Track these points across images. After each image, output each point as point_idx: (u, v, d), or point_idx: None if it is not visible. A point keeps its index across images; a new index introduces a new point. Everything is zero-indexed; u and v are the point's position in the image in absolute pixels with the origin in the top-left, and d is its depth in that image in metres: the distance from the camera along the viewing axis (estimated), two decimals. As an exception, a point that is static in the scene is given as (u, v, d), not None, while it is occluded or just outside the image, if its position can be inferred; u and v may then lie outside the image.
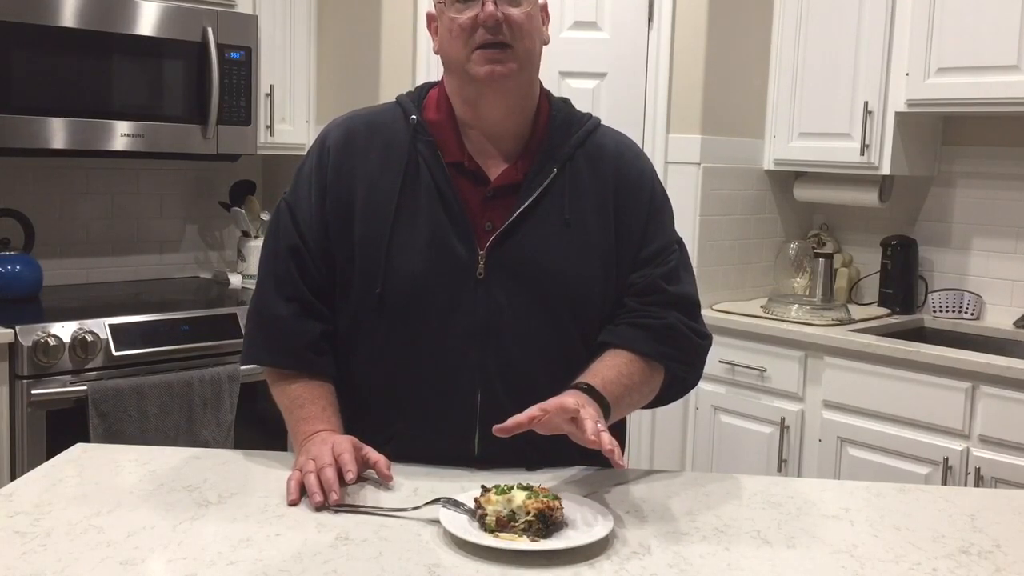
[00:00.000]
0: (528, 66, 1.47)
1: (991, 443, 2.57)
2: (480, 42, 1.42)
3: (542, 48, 1.51)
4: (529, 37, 1.46)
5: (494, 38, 1.42)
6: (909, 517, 1.34)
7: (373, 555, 1.14)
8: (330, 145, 1.52)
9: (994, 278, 3.18)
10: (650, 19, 3.11)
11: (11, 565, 1.09)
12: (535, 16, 1.47)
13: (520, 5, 1.44)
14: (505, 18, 1.42)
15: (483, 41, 1.42)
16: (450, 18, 1.44)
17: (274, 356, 1.52)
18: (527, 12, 1.45)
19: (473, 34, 1.42)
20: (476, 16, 1.41)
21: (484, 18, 1.41)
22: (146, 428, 2.64)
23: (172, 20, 2.95)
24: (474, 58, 1.43)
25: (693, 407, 3.20)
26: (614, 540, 1.20)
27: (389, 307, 1.46)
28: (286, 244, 1.50)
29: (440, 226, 1.46)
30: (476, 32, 1.42)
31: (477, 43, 1.42)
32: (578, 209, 1.49)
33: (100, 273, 3.38)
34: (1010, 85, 2.75)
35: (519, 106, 1.50)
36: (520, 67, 1.45)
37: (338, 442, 1.37)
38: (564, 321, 1.48)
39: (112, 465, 1.44)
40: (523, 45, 1.45)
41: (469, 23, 1.42)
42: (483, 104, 1.48)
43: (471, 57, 1.43)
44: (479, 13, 1.41)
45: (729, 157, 3.27)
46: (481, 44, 1.42)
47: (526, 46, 1.45)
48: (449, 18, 1.44)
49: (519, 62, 1.45)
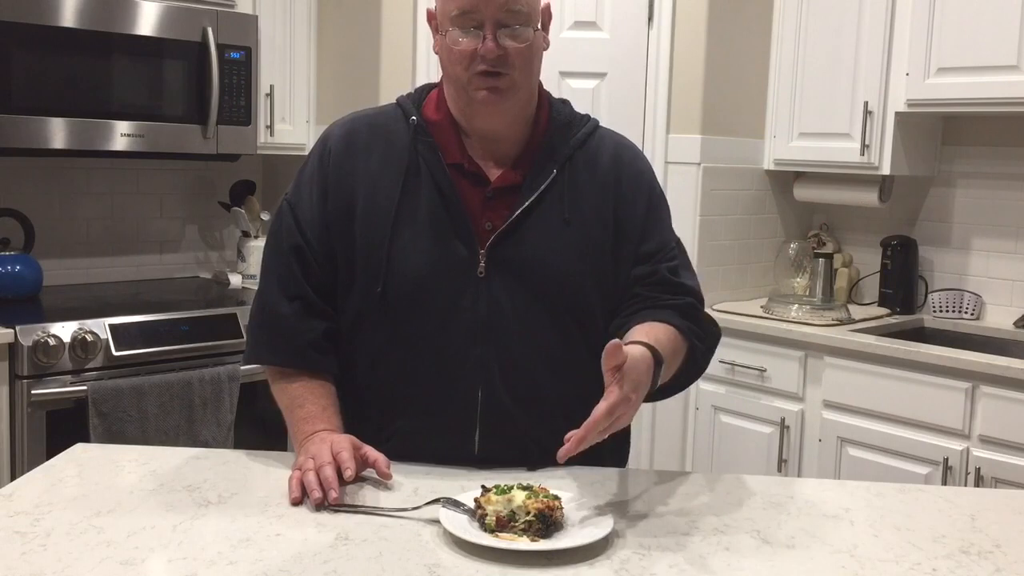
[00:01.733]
0: (526, 85, 1.48)
1: (991, 443, 2.57)
2: (479, 70, 1.43)
3: (542, 60, 1.52)
4: (528, 65, 1.46)
5: (493, 69, 1.42)
6: (909, 517, 1.34)
7: (373, 555, 1.14)
8: (332, 146, 1.52)
9: (994, 278, 3.18)
10: (650, 19, 3.11)
11: (11, 565, 1.09)
12: (535, 45, 1.47)
13: (518, 38, 1.43)
14: (504, 52, 1.42)
15: (481, 71, 1.43)
16: (451, 40, 1.44)
17: (277, 355, 1.52)
18: (527, 44, 1.45)
19: (473, 61, 1.43)
20: (476, 49, 1.42)
21: (484, 52, 1.42)
22: (146, 428, 2.64)
23: (172, 20, 2.96)
24: (473, 82, 1.44)
25: (693, 407, 3.20)
26: (614, 540, 1.20)
27: (390, 306, 1.46)
28: (289, 243, 1.51)
29: (441, 226, 1.46)
30: (475, 60, 1.43)
31: (476, 71, 1.43)
32: (577, 208, 1.50)
33: (100, 273, 3.38)
34: (1010, 85, 2.75)
35: (517, 117, 1.51)
36: (518, 88, 1.46)
37: (337, 441, 1.37)
38: (564, 319, 1.49)
39: (112, 465, 1.44)
40: (522, 75, 1.46)
41: (469, 53, 1.43)
42: (479, 119, 1.49)
43: (471, 81, 1.44)
44: (479, 46, 1.42)
45: (729, 157, 3.27)
46: (480, 72, 1.43)
47: (525, 75, 1.46)
48: (450, 39, 1.44)
49: (516, 86, 1.46)
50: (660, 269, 1.52)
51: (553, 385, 1.49)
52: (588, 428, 1.21)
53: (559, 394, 1.49)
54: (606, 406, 1.22)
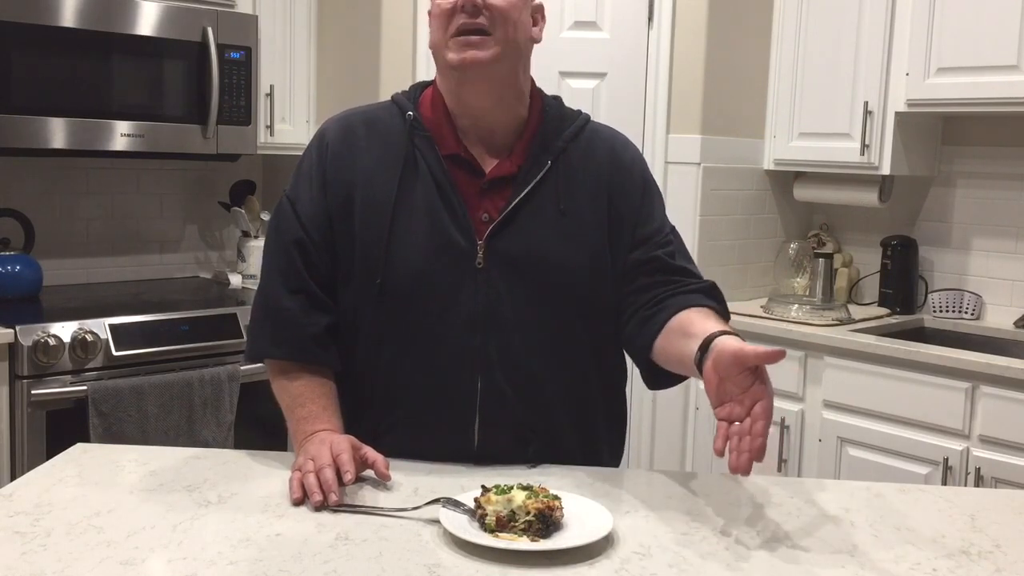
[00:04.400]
0: (511, 55, 1.46)
1: (991, 443, 2.57)
2: (458, 28, 1.42)
3: (530, 43, 1.51)
4: (512, 25, 1.45)
5: (472, 21, 1.42)
6: (909, 517, 1.34)
7: (373, 555, 1.14)
8: (329, 140, 1.53)
9: (994, 278, 3.18)
10: (650, 19, 3.11)
11: (11, 565, 1.09)
12: (519, 7, 1.46)
13: None
14: (485, 3, 1.42)
15: (461, 27, 1.42)
16: (433, 4, 1.45)
17: (280, 349, 1.52)
18: (510, 1, 1.44)
19: (452, 19, 1.43)
20: (455, 2, 1.42)
21: (463, 2, 1.41)
22: (146, 428, 2.64)
23: (172, 20, 2.96)
24: (451, 44, 1.44)
25: (693, 407, 3.20)
26: (614, 540, 1.20)
27: (390, 297, 1.47)
28: (290, 238, 1.51)
29: (439, 217, 1.46)
30: (455, 17, 1.42)
31: (455, 29, 1.43)
32: (572, 198, 1.50)
33: (100, 273, 3.38)
34: (1010, 85, 2.75)
35: (506, 96, 1.50)
36: (501, 54, 1.44)
37: (336, 442, 1.37)
38: (563, 308, 1.49)
39: (112, 465, 1.44)
40: (504, 33, 1.44)
41: (449, 8, 1.43)
42: (464, 93, 1.48)
43: (448, 43, 1.44)
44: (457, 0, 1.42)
45: (729, 157, 3.27)
46: (458, 31, 1.42)
47: (508, 34, 1.44)
48: (432, 4, 1.45)
49: (499, 48, 1.44)
50: (659, 255, 1.52)
51: (552, 375, 1.49)
52: (763, 436, 1.19)
53: (558, 384, 1.50)
54: (765, 410, 1.20)
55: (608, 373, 1.58)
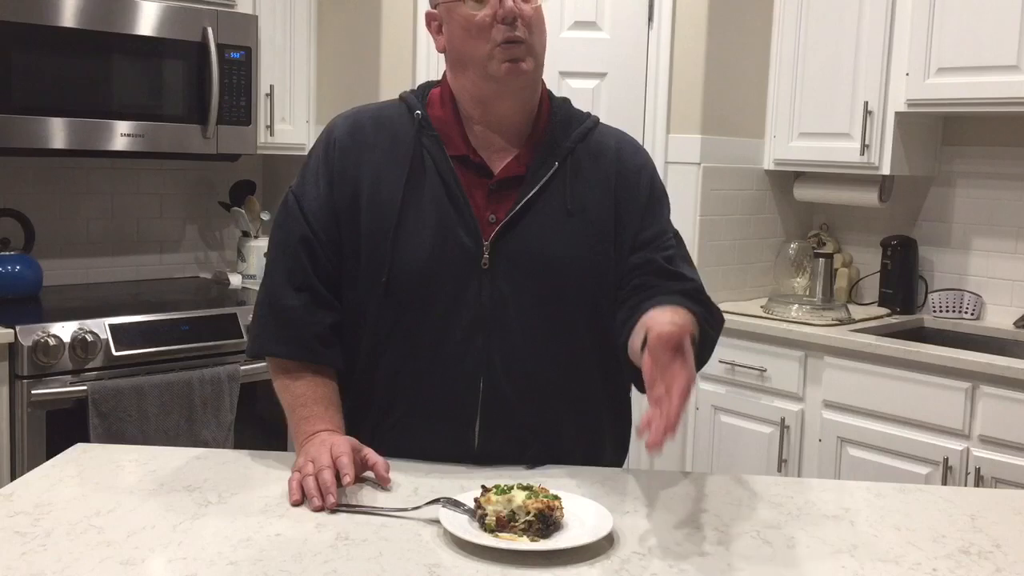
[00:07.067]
0: (542, 63, 1.50)
1: (991, 443, 2.57)
2: (500, 39, 1.43)
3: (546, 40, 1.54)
4: (541, 32, 1.49)
5: (512, 33, 1.43)
6: (909, 517, 1.34)
7: (373, 555, 1.14)
8: (336, 137, 1.53)
9: (994, 278, 3.18)
10: (650, 19, 3.11)
11: (11, 565, 1.09)
12: (542, 15, 1.50)
13: (530, 1, 1.46)
14: (521, 14, 1.44)
15: (503, 38, 1.43)
16: (465, 16, 1.45)
17: (284, 346, 1.51)
18: (537, 8, 1.47)
19: (491, 31, 1.44)
20: (495, 13, 1.43)
21: (504, 14, 1.42)
22: (146, 428, 2.64)
23: (172, 20, 2.96)
24: (496, 55, 1.44)
25: (693, 407, 3.20)
26: (614, 540, 1.20)
27: (395, 296, 1.47)
28: (297, 235, 1.51)
29: (445, 217, 1.46)
30: (494, 29, 1.43)
31: (497, 40, 1.44)
32: (580, 199, 1.51)
33: (100, 273, 3.38)
34: (1010, 85, 2.75)
35: (527, 101, 1.52)
36: (536, 64, 1.48)
37: (337, 444, 1.37)
38: (567, 309, 1.49)
39: (112, 465, 1.44)
40: (537, 40, 1.47)
41: (488, 20, 1.44)
42: (497, 102, 1.49)
43: (492, 54, 1.44)
44: (497, 10, 1.42)
45: (729, 157, 3.27)
46: (502, 41, 1.44)
47: (539, 41, 1.48)
48: (464, 16, 1.45)
49: (535, 59, 1.47)
50: (656, 258, 1.52)
51: (554, 377, 1.49)
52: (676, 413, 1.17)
53: (560, 386, 1.50)
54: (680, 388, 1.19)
55: (613, 373, 1.58)
